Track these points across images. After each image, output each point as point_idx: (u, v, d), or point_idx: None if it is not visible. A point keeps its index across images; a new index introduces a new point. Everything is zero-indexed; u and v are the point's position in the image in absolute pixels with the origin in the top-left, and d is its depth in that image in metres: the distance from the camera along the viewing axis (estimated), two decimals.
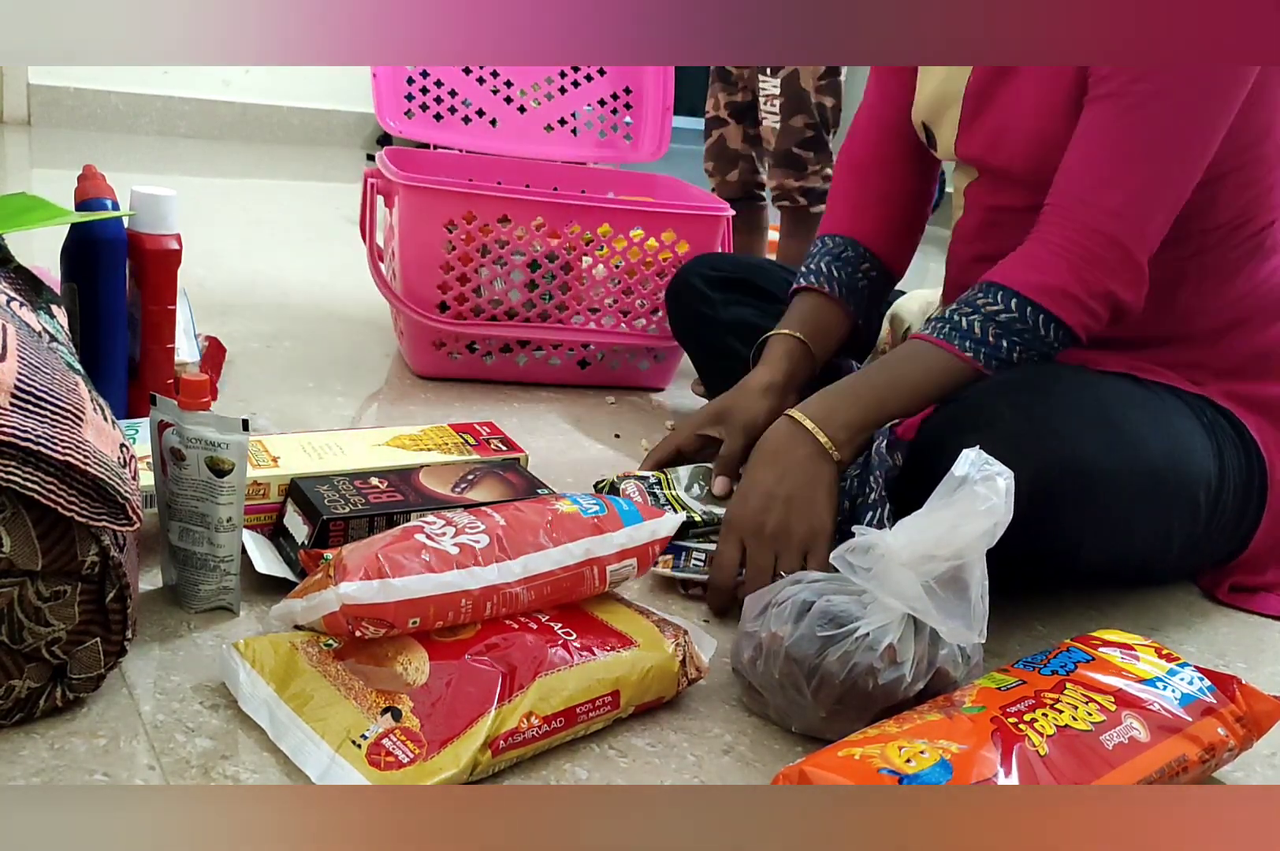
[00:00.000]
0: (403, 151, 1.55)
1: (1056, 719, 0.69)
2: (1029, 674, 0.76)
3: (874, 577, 0.75)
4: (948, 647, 0.77)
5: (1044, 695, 0.72)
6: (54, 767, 0.65)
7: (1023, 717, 0.69)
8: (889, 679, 0.74)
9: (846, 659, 0.74)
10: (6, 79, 3.07)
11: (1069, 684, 0.74)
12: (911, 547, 0.73)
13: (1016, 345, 0.94)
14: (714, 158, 1.93)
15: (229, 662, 0.74)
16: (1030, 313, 0.93)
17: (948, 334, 0.95)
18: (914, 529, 0.74)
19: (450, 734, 0.67)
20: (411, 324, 1.42)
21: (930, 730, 0.67)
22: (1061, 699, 0.72)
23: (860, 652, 0.74)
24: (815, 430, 0.93)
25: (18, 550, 0.62)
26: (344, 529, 0.87)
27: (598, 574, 0.80)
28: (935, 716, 0.69)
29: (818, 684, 0.75)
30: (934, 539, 0.73)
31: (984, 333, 0.94)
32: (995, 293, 0.95)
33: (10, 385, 0.62)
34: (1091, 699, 0.72)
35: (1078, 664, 0.77)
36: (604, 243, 1.43)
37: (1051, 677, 0.75)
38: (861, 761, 0.64)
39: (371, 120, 3.54)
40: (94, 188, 1.05)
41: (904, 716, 0.70)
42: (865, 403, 0.95)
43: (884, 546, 0.74)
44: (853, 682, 0.74)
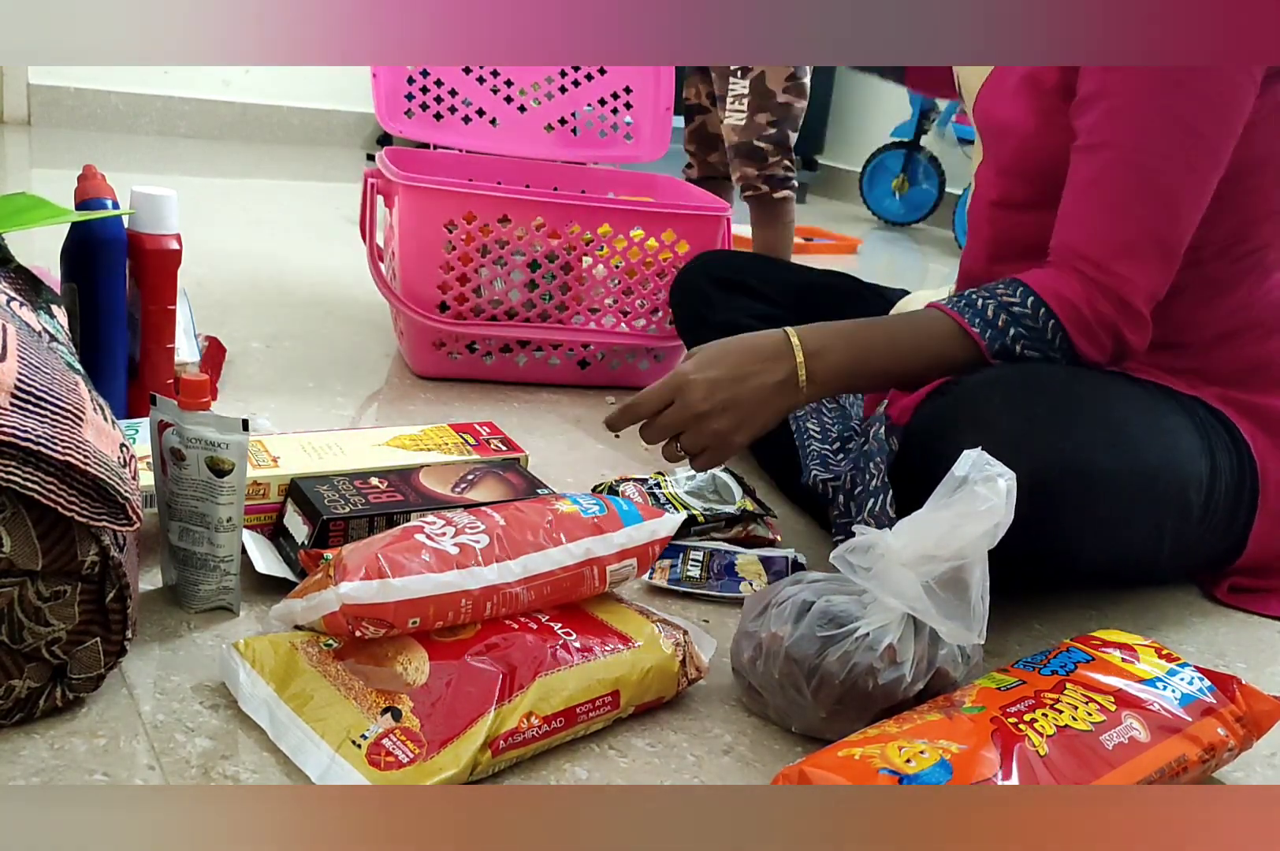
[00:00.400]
0: (403, 151, 1.55)
1: (1056, 719, 0.69)
2: (1029, 674, 0.76)
3: (874, 577, 0.75)
4: (947, 648, 0.76)
5: (1044, 695, 0.72)
6: (54, 767, 0.65)
7: (1022, 718, 0.69)
8: (889, 679, 0.74)
9: (846, 659, 0.74)
10: (6, 79, 3.07)
11: (1069, 684, 0.74)
12: (911, 548, 0.73)
13: (1022, 337, 0.95)
14: (696, 141, 2.11)
15: (229, 662, 0.74)
16: (1043, 314, 0.95)
17: (960, 308, 0.97)
18: (914, 529, 0.74)
19: (450, 734, 0.67)
20: (411, 324, 1.42)
21: (930, 730, 0.67)
22: (1061, 699, 0.72)
23: (860, 652, 0.74)
24: (800, 363, 0.94)
25: (18, 550, 0.62)
26: (344, 529, 0.88)
27: (598, 574, 0.80)
28: (935, 716, 0.69)
29: (818, 684, 0.75)
30: (934, 539, 0.73)
31: (995, 316, 0.96)
32: (1015, 287, 0.96)
33: (10, 385, 0.62)
34: (1091, 699, 0.72)
35: (1078, 664, 0.77)
36: (604, 243, 1.43)
37: (1051, 677, 0.75)
38: (861, 761, 0.64)
39: (371, 120, 3.54)
40: (94, 187, 1.05)
41: (904, 716, 0.70)
42: (857, 350, 0.96)
43: (884, 546, 0.74)
44: (853, 682, 0.74)
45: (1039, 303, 0.95)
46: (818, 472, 1.10)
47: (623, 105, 1.70)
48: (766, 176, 1.97)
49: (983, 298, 0.97)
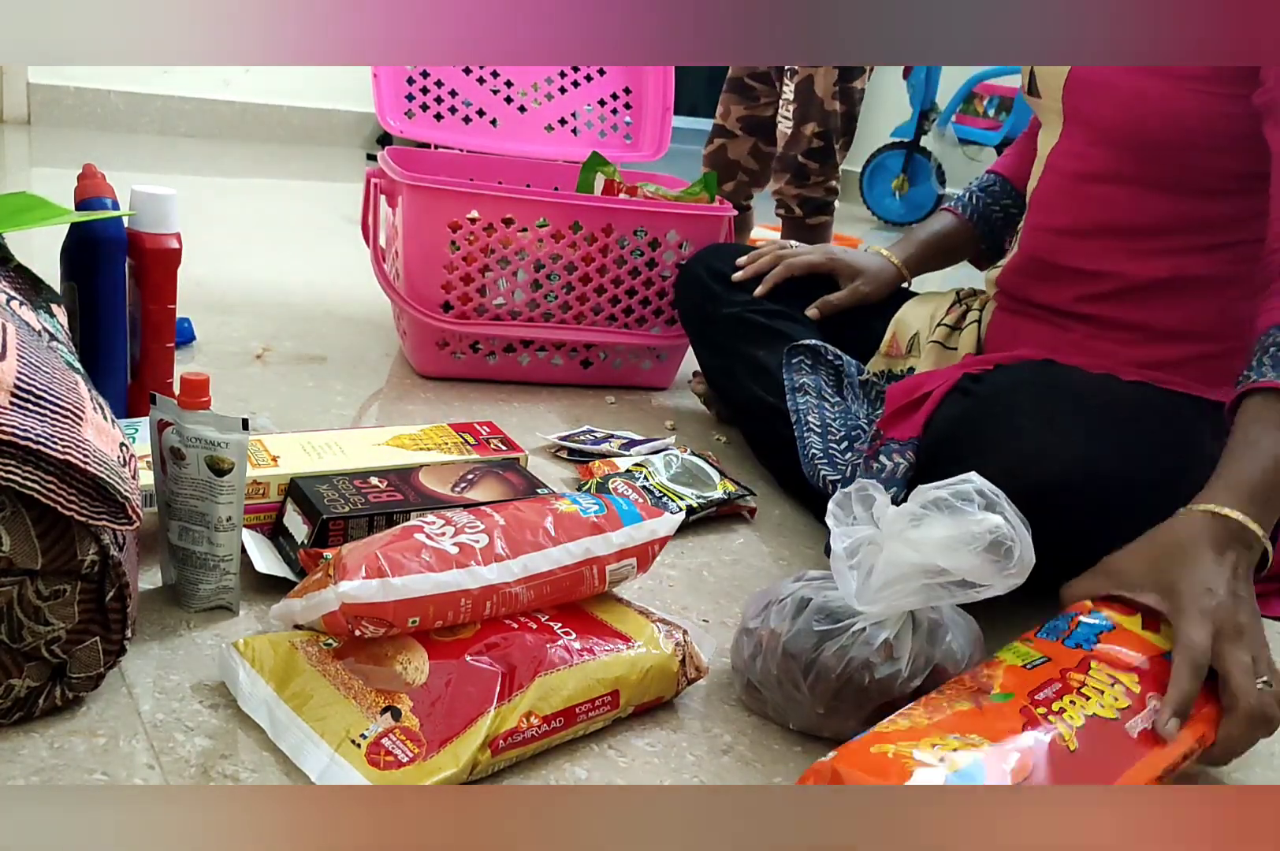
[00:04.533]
0: (404, 151, 1.55)
1: (1084, 707, 0.69)
2: (1052, 646, 0.75)
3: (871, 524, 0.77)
4: (946, 645, 0.77)
5: (1070, 676, 0.72)
6: (53, 767, 0.65)
7: (1051, 708, 0.68)
8: (885, 674, 0.74)
9: (843, 653, 0.75)
10: (6, 78, 3.07)
11: (1093, 662, 0.73)
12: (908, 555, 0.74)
13: None
14: (712, 165, 1.89)
15: (228, 662, 0.73)
16: None
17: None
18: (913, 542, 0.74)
19: (450, 733, 0.67)
20: (415, 323, 1.42)
21: (961, 723, 0.66)
22: (1088, 681, 0.71)
23: (856, 647, 0.75)
24: (1266, 546, 0.82)
25: (17, 549, 0.62)
26: (344, 528, 0.87)
27: (597, 573, 0.80)
28: (965, 705, 0.69)
29: (814, 679, 0.75)
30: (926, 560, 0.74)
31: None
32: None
33: (10, 384, 0.62)
34: (1117, 679, 0.72)
35: (1099, 634, 0.76)
36: (607, 242, 1.43)
37: (1076, 652, 0.74)
38: (895, 759, 0.63)
39: (371, 120, 3.54)
40: (94, 187, 1.05)
41: (933, 703, 0.70)
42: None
43: (883, 504, 0.76)
44: (849, 677, 0.75)
45: None
46: (826, 472, 1.10)
47: (623, 105, 1.70)
48: (804, 198, 1.81)
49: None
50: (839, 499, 0.78)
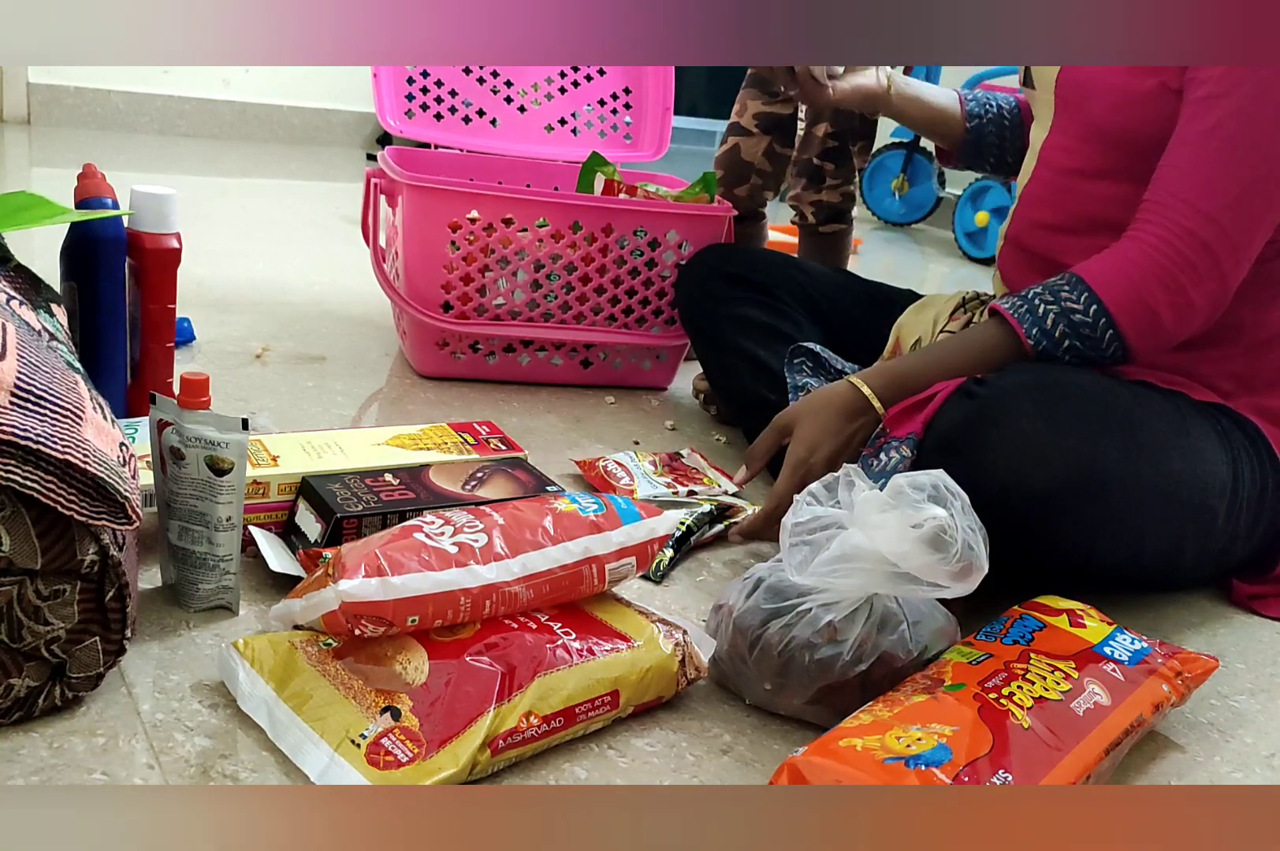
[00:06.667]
0: (404, 151, 1.55)
1: (1031, 690, 0.73)
2: (992, 645, 0.80)
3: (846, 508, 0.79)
4: (899, 634, 0.78)
5: (1013, 666, 0.76)
6: (53, 766, 0.65)
7: (1001, 692, 0.72)
8: (825, 655, 0.77)
9: (785, 632, 0.78)
10: (6, 78, 3.07)
11: (1032, 655, 0.78)
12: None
13: (1075, 349, 0.98)
14: (725, 167, 1.73)
15: (228, 661, 0.73)
16: (1103, 325, 0.97)
17: (1022, 314, 1.00)
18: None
19: (449, 733, 0.67)
20: (415, 324, 1.42)
21: (920, 713, 0.69)
22: (1030, 669, 0.76)
23: (800, 627, 0.77)
24: (881, 413, 1.02)
25: (17, 548, 0.62)
26: (357, 526, 0.87)
27: (597, 572, 0.80)
28: (920, 697, 0.72)
29: (759, 654, 0.78)
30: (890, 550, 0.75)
31: (1054, 327, 0.98)
32: (1081, 293, 0.98)
33: (10, 383, 0.62)
34: (1056, 667, 0.76)
35: (1034, 633, 0.82)
36: (606, 242, 1.43)
37: (1014, 647, 0.79)
38: (864, 752, 0.65)
39: (371, 120, 3.54)
40: (94, 186, 1.05)
41: (891, 698, 0.72)
42: (923, 382, 1.01)
43: (862, 487, 0.78)
44: (790, 656, 0.77)
45: (1101, 312, 0.96)
46: None
47: (623, 106, 1.70)
48: (817, 203, 1.72)
49: (1045, 303, 0.98)
50: (826, 482, 0.81)
